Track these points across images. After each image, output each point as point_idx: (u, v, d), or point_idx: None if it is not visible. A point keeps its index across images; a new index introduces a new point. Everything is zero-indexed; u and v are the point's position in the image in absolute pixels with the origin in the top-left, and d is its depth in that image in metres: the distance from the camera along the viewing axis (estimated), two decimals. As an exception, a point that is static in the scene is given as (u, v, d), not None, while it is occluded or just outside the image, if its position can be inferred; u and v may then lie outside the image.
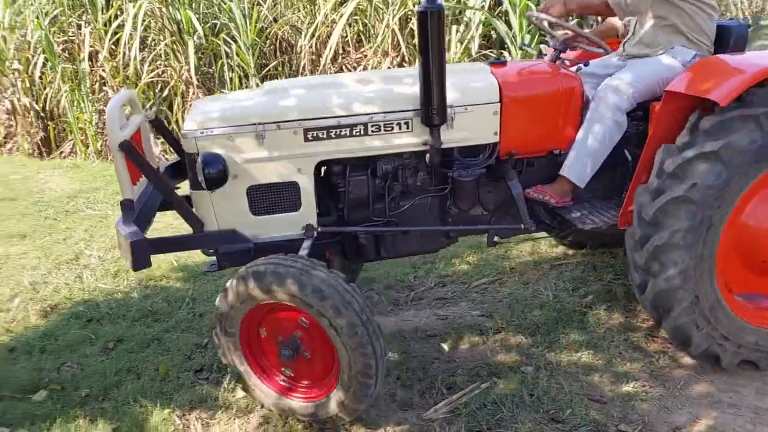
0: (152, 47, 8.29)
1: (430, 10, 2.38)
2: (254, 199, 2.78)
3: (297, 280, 2.32)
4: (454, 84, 2.75)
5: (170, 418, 2.82)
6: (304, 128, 2.70)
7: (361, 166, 2.90)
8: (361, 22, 7.59)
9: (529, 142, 2.92)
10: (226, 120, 2.70)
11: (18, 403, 3.01)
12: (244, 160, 2.70)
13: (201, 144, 2.68)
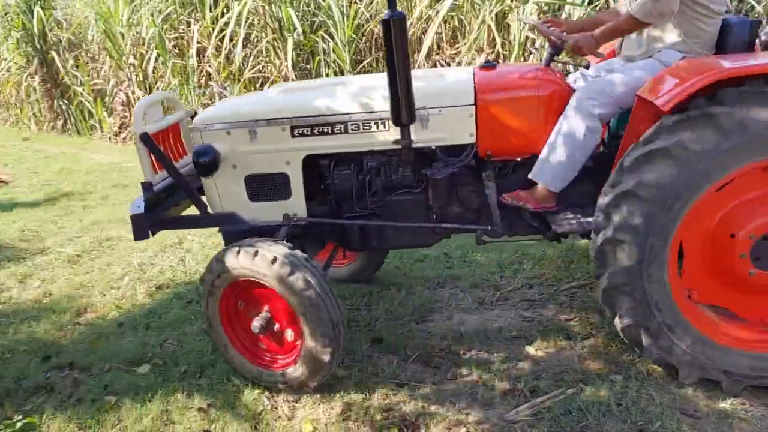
0: (255, 44, 8.64)
1: (392, 18, 2.53)
2: (251, 187, 3.14)
3: (264, 259, 2.66)
4: (431, 86, 2.99)
5: (259, 398, 2.95)
6: (291, 125, 3.00)
7: (346, 162, 3.11)
8: (457, 18, 7.55)
9: (506, 145, 2.96)
10: (224, 117, 3.09)
11: (124, 374, 3.25)
12: (241, 153, 3.07)
13: (204, 136, 3.09)
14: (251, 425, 2.77)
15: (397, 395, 2.89)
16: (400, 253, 4.56)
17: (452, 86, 2.99)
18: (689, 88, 2.38)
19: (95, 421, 2.83)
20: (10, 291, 4.49)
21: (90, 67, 11.28)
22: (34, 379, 3.23)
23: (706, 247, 2.64)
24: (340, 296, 3.90)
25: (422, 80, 3.06)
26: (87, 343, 3.61)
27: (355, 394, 2.92)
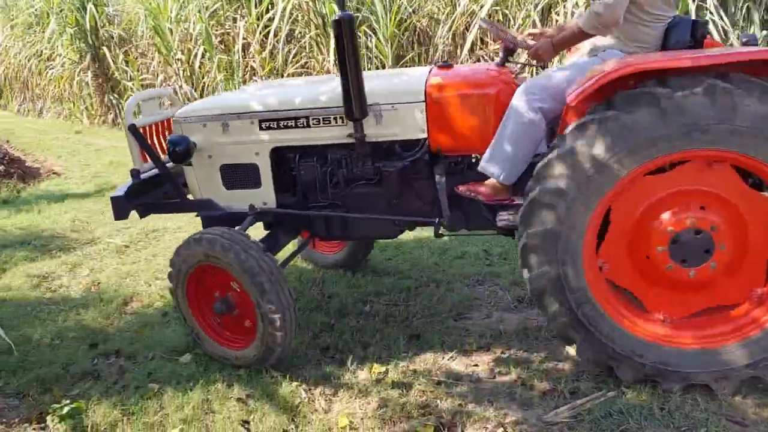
0: (298, 39, 8.72)
1: (342, 18, 2.73)
2: (225, 176, 3.37)
3: (222, 246, 2.90)
4: (386, 84, 3.20)
5: (297, 391, 2.98)
6: (258, 119, 3.22)
7: (310, 154, 3.28)
8: (501, 12, 7.45)
9: (456, 141, 3.04)
10: (201, 111, 3.35)
11: (167, 363, 3.33)
12: (216, 144, 3.31)
13: (184, 128, 3.34)
14: (288, 417, 2.80)
15: (434, 392, 2.88)
16: (439, 250, 4.54)
17: (405, 84, 3.15)
18: (590, 87, 2.45)
19: (139, 408, 2.90)
20: (60, 279, 4.65)
21: (139, 63, 11.58)
22: (81, 365, 3.33)
23: (630, 228, 2.63)
24: (380, 292, 3.94)
25: (380, 78, 3.32)
26: (132, 332, 3.71)
27: (391, 389, 2.92)
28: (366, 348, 3.34)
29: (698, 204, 2.55)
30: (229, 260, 2.90)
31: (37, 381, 3.17)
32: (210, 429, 2.74)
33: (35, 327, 3.80)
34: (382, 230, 3.40)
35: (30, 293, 4.40)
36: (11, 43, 14.96)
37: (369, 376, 3.07)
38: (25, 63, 14.40)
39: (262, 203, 3.33)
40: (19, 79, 15.08)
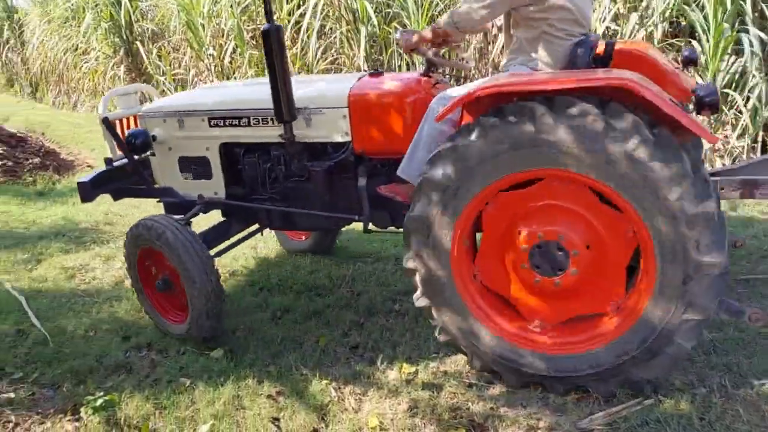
0: (329, 35, 8.71)
1: (270, 28, 2.98)
2: (182, 167, 3.72)
3: (156, 231, 3.27)
4: (316, 89, 3.41)
5: (327, 389, 2.97)
6: (208, 117, 3.54)
7: (253, 151, 3.56)
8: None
9: (376, 145, 3.22)
10: (161, 108, 3.72)
11: (198, 357, 3.35)
12: (173, 137, 3.66)
13: (147, 123, 3.74)
14: (318, 416, 2.79)
15: (465, 395, 2.84)
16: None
17: (332, 90, 3.35)
18: (456, 103, 2.64)
19: (170, 402, 2.92)
20: (94, 271, 4.72)
21: (172, 57, 11.70)
22: (114, 357, 3.37)
23: (500, 239, 2.77)
24: (409, 291, 3.89)
25: (312, 84, 3.55)
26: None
27: (422, 391, 2.89)
28: (395, 347, 3.32)
29: (555, 218, 2.64)
30: (161, 243, 3.27)
31: (72, 372, 3.21)
32: (241, 425, 2.75)
33: (69, 318, 3.85)
34: (318, 223, 3.70)
35: (64, 284, 4.47)
36: (48, 37, 15.24)
37: (399, 376, 3.04)
38: (61, 57, 14.65)
39: (213, 193, 3.68)
40: (54, 73, 15.35)
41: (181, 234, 3.27)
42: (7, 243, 5.36)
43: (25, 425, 2.78)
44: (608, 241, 2.61)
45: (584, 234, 2.62)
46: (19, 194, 7.15)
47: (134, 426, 2.78)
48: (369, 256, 4.58)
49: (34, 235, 5.59)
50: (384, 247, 4.72)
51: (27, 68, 16.78)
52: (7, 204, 6.77)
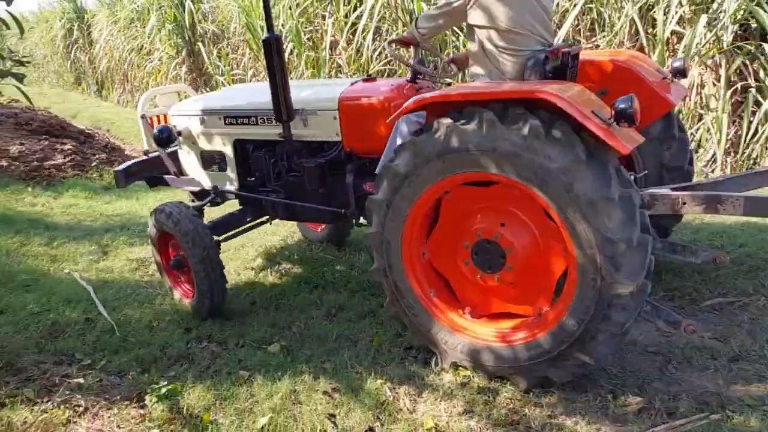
0: (385, 37, 8.75)
1: (270, 38, 3.33)
2: (204, 160, 4.16)
3: (167, 215, 3.69)
4: (313, 93, 3.70)
5: (382, 388, 2.99)
6: (224, 116, 3.93)
7: (261, 147, 3.91)
8: (596, 10, 7.19)
9: (364, 144, 3.50)
10: (188, 108, 4.14)
11: (256, 351, 3.43)
12: (197, 133, 4.09)
13: (175, 120, 4.19)
14: (374, 414, 2.81)
15: (522, 401, 2.81)
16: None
17: (325, 94, 3.62)
18: (401, 111, 2.93)
19: (230, 394, 3.00)
20: (157, 264, 4.88)
21: (231, 58, 11.99)
22: (177, 348, 3.48)
23: (451, 229, 3.00)
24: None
25: (310, 88, 3.85)
26: (223, 319, 3.84)
27: (477, 395, 2.88)
28: (451, 350, 3.31)
29: (499, 219, 2.86)
30: (172, 228, 3.67)
31: (137, 361, 3.34)
32: (298, 419, 2.79)
33: (134, 309, 4.00)
34: (315, 216, 3.95)
35: (129, 276, 4.65)
36: (114, 37, 15.85)
37: (453, 379, 3.04)
38: (126, 56, 15.22)
39: (228, 184, 4.08)
40: (119, 72, 15.96)
41: (189, 221, 3.65)
42: (76, 235, 5.61)
43: (94, 410, 2.90)
44: (544, 251, 2.78)
45: (522, 239, 2.81)
46: (87, 188, 7.46)
47: (196, 415, 2.86)
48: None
49: (101, 228, 5.82)
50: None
51: (94, 67, 17.49)
52: (76, 197, 7.09)
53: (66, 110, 13.01)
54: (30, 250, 5.16)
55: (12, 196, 7.02)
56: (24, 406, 2.80)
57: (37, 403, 2.85)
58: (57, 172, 7.90)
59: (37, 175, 7.80)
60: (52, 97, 16.58)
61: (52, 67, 20.95)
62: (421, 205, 2.93)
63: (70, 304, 3.98)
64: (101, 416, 2.85)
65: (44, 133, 8.94)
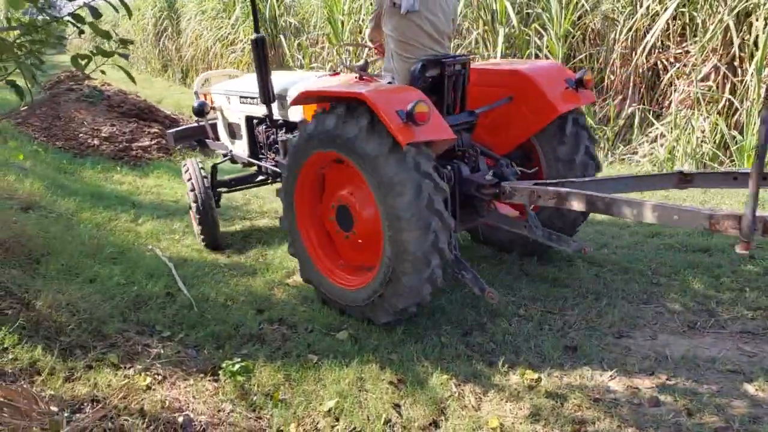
0: (465, 36, 8.71)
1: (258, 38, 4.38)
2: (228, 129, 5.23)
3: (186, 171, 4.99)
4: (291, 82, 4.50)
5: (447, 384, 3.00)
6: (239, 96, 4.91)
7: (261, 122, 4.87)
8: (689, 15, 6.91)
9: None
10: (220, 88, 5.20)
11: (325, 337, 3.51)
12: (224, 108, 5.16)
13: (213, 97, 5.27)
14: (438, 408, 2.83)
15: (590, 409, 2.76)
16: (600, 261, 4.33)
17: (299, 83, 4.39)
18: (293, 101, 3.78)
19: (299, 375, 3.09)
20: (233, 246, 5.07)
21: (311, 51, 12.22)
22: (249, 327, 3.61)
23: (329, 193, 3.83)
24: (535, 298, 3.86)
25: (290, 77, 4.74)
26: (294, 304, 3.95)
27: (544, 398, 2.85)
28: (518, 352, 3.29)
29: (350, 190, 3.63)
30: (186, 178, 4.93)
31: (212, 337, 3.48)
32: (363, 406, 2.85)
33: (211, 287, 4.17)
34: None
35: (207, 256, 4.84)
36: (200, 27, 16.45)
37: (520, 381, 3.02)
38: (210, 46, 15.77)
39: (240, 150, 5.09)
40: (203, 61, 16.55)
41: (196, 174, 4.86)
42: (160, 214, 5.89)
43: (171, 380, 3.05)
44: (375, 219, 3.42)
45: (363, 208, 3.56)
46: (171, 170, 7.81)
47: (265, 393, 2.96)
48: (492, 258, 4.55)
49: (182, 209, 6.08)
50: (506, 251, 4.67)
51: (180, 56, 18.21)
52: (161, 178, 7.44)
53: (152, 95, 13.62)
54: (117, 225, 5.46)
55: (102, 174, 7.44)
56: (108, 370, 2.97)
57: (120, 368, 3.02)
58: (144, 154, 8.30)
59: (125, 155, 8.22)
60: (140, 82, 17.36)
61: (141, 54, 21.96)
62: (306, 172, 3.74)
63: (152, 278, 4.19)
64: (178, 386, 2.99)
65: (134, 116, 9.40)
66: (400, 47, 3.75)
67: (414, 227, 3.13)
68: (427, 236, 3.17)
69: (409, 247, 3.16)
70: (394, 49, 3.77)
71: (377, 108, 3.06)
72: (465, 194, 3.74)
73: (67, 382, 2.81)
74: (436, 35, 3.78)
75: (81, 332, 3.24)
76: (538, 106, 3.81)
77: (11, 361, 2.84)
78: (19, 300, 3.35)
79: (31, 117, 8.85)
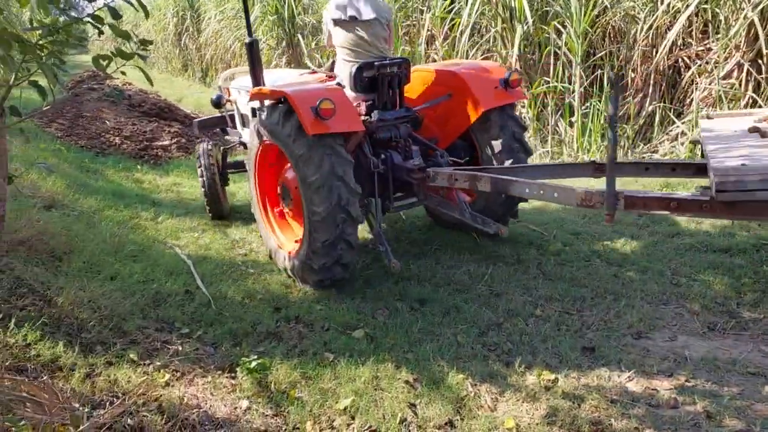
0: (483, 33, 8.67)
1: (252, 41, 4.67)
2: (241, 120, 5.70)
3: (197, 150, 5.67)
4: (279, 79, 4.98)
5: (463, 384, 3.00)
6: (245, 91, 5.12)
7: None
8: (711, 11, 6.80)
9: None
10: (236, 84, 5.65)
11: (341, 335, 3.52)
12: (238, 101, 5.62)
13: (231, 91, 5.74)
14: (454, 408, 2.83)
15: (608, 411, 2.74)
16: (619, 261, 4.29)
17: (278, 81, 4.78)
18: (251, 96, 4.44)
19: (315, 373, 3.11)
20: (251, 245, 5.11)
21: (328, 51, 12.24)
22: (266, 325, 3.63)
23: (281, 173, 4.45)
24: (552, 297, 3.84)
25: (283, 76, 5.31)
26: (310, 302, 3.97)
27: (561, 399, 2.83)
28: (534, 353, 3.27)
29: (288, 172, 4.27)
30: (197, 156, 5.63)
31: (230, 334, 3.51)
32: (379, 405, 2.85)
33: (229, 285, 4.20)
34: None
35: (225, 254, 4.88)
36: (220, 27, 16.57)
37: (537, 382, 3.00)
38: (229, 46, 15.87)
39: (249, 138, 4.88)
40: (223, 60, 16.67)
41: (204, 155, 5.50)
42: (179, 212, 5.95)
43: (189, 376, 3.08)
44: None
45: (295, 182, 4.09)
46: (191, 169, 7.86)
47: (282, 390, 2.98)
48: (509, 258, 4.53)
49: (201, 207, 6.12)
50: (525, 250, 4.65)
51: (200, 55, 18.36)
52: (180, 176, 7.51)
53: (172, 95, 13.75)
54: (138, 223, 5.52)
55: (123, 172, 7.53)
56: (128, 366, 3.01)
57: (140, 365, 3.06)
58: (164, 152, 8.39)
59: (145, 154, 8.32)
60: (160, 81, 17.54)
61: (162, 53, 22.18)
62: (262, 155, 4.46)
63: (171, 276, 4.24)
64: (196, 383, 3.02)
65: (155, 115, 9.51)
66: (342, 53, 4.49)
67: (321, 191, 3.74)
68: (331, 197, 3.74)
69: (318, 208, 3.76)
70: (340, 57, 4.53)
71: (294, 103, 3.75)
72: (399, 179, 4.31)
73: (87, 378, 2.86)
74: (375, 42, 4.44)
75: (102, 329, 3.29)
76: (468, 103, 4.39)
77: (34, 357, 2.89)
78: (41, 297, 3.41)
79: (55, 116, 8.99)
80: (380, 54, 4.45)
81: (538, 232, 4.96)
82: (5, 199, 2.86)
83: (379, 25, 4.42)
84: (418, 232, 5.17)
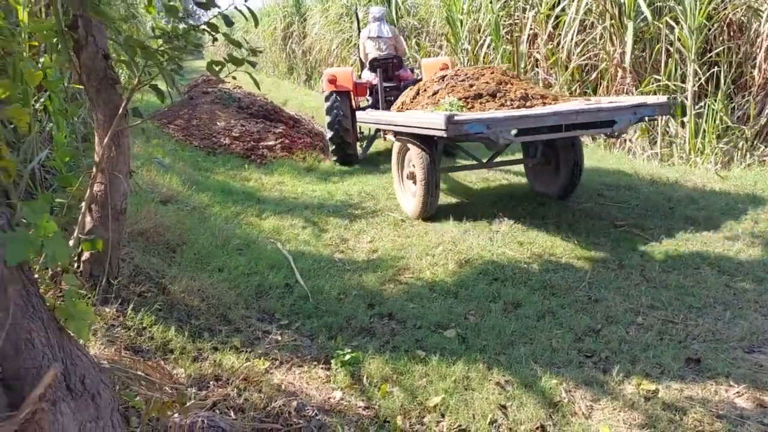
0: (590, 31, 8.38)
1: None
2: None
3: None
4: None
5: (557, 389, 2.93)
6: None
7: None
8: None
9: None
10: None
11: (433, 334, 3.55)
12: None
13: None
14: (546, 413, 2.77)
15: (713, 426, 2.59)
16: (731, 269, 4.02)
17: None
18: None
19: (407, 369, 3.15)
20: (347, 242, 5.25)
21: (430, 51, 12.31)
22: (360, 321, 3.73)
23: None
24: (655, 306, 3.67)
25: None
26: (403, 300, 4.03)
27: (661, 410, 2.70)
28: (634, 361, 3.14)
29: None
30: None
31: (326, 327, 3.64)
32: (469, 405, 2.85)
33: (326, 280, 4.35)
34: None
35: (323, 251, 5.05)
36: (325, 31, 17.10)
37: (636, 392, 2.88)
38: (333, 49, 16.35)
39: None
40: (326, 63, 17.20)
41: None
42: (281, 209, 6.22)
43: (287, 365, 3.23)
44: None
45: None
46: (293, 168, 8.22)
47: (374, 384, 3.05)
48: (610, 262, 4.36)
49: (301, 205, 6.39)
50: (627, 255, 4.46)
51: (306, 59, 19.03)
52: (283, 175, 7.85)
53: (278, 97, 14.35)
54: (244, 219, 5.84)
55: (232, 171, 7.98)
56: (232, 352, 3.20)
57: (242, 352, 3.24)
58: (269, 152, 8.79)
59: (252, 153, 8.75)
60: (268, 85, 18.37)
61: (269, 58, 23.20)
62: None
63: (273, 270, 4.44)
64: (293, 372, 3.16)
65: (261, 117, 9.98)
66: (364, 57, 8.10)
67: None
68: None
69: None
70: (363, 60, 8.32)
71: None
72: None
73: (195, 361, 3.07)
74: (382, 45, 8.15)
75: (209, 316, 3.51)
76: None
77: (148, 339, 3.14)
78: (156, 284, 3.69)
79: (172, 118, 9.66)
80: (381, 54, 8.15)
81: (642, 237, 4.74)
82: (128, 193, 3.13)
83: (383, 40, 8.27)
84: (519, 231, 5.10)
